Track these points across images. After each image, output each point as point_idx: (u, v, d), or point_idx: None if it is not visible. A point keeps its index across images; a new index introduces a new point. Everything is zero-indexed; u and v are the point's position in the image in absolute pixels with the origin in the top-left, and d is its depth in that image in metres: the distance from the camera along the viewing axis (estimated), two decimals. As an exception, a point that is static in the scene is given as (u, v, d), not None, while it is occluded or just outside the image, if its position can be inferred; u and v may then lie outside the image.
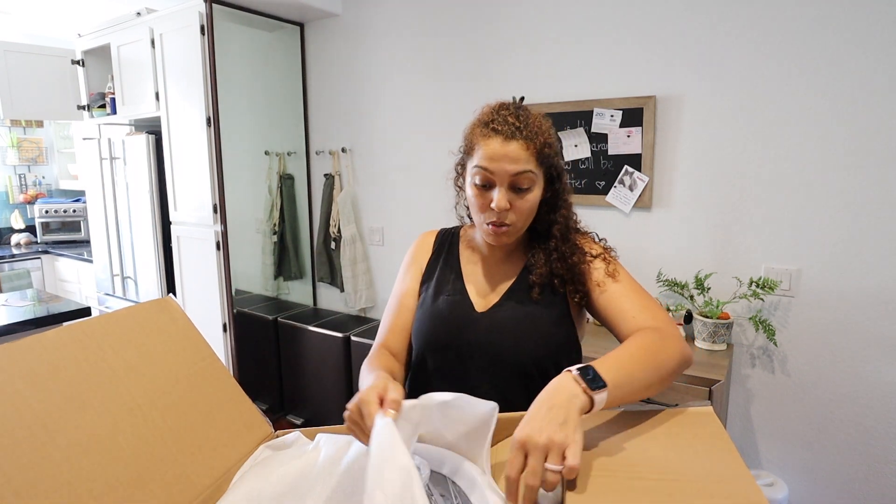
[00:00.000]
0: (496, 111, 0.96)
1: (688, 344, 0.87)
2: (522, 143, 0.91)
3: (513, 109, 0.96)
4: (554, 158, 0.97)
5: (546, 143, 0.94)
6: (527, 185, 0.93)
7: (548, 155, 0.94)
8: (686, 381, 1.75)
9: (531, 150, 0.92)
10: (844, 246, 1.83)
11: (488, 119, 0.96)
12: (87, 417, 0.69)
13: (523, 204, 0.94)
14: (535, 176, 0.93)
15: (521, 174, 0.92)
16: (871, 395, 1.84)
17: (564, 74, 2.29)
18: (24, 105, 3.46)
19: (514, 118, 0.94)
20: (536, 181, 0.94)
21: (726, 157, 1.99)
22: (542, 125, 0.95)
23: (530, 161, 0.92)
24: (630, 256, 2.23)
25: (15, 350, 0.69)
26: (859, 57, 1.74)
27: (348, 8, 2.89)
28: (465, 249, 1.11)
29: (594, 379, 0.69)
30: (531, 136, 0.92)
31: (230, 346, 2.74)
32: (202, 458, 0.78)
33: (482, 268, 1.07)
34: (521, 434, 0.63)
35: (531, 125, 0.93)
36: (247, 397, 0.93)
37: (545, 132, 0.95)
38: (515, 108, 0.97)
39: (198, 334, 0.93)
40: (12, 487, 0.58)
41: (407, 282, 1.12)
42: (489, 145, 0.92)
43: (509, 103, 1.00)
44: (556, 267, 0.98)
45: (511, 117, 0.94)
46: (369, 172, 2.97)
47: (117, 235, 3.19)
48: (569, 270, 0.97)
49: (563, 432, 0.62)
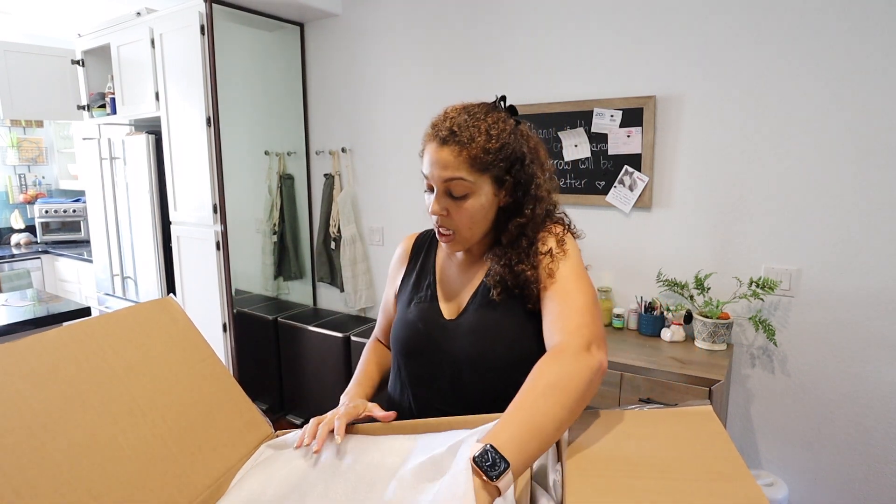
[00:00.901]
0: (445, 114, 0.93)
1: (600, 349, 0.82)
2: (454, 149, 0.88)
3: (462, 114, 0.91)
4: (505, 164, 0.91)
5: (485, 149, 0.88)
6: (460, 192, 0.90)
7: (489, 161, 0.89)
8: (686, 381, 1.75)
9: (463, 157, 0.88)
10: (844, 246, 1.83)
11: (435, 122, 0.93)
12: (87, 417, 0.69)
13: (460, 212, 0.91)
14: (469, 184, 0.89)
15: (451, 181, 0.89)
16: (871, 395, 1.84)
17: (564, 74, 2.29)
18: (24, 105, 3.46)
19: (454, 123, 0.90)
20: (474, 189, 0.90)
21: (726, 156, 2.00)
22: (487, 131, 0.89)
23: (461, 168, 0.88)
24: (630, 256, 2.24)
25: (15, 350, 0.69)
26: (860, 57, 1.74)
27: (348, 8, 2.89)
28: (442, 251, 1.09)
29: (493, 465, 0.61)
30: (464, 143, 0.88)
31: (230, 346, 2.74)
32: (202, 457, 0.78)
33: (455, 271, 1.05)
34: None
35: (469, 131, 0.88)
36: (247, 397, 0.93)
37: (487, 137, 0.89)
38: (468, 111, 0.92)
39: (198, 334, 0.93)
40: (12, 486, 0.58)
41: (388, 289, 1.15)
42: (428, 150, 0.92)
43: (467, 105, 0.95)
44: (504, 274, 0.93)
45: (451, 122, 0.90)
46: (369, 172, 2.97)
47: (117, 235, 3.19)
48: (515, 278, 0.92)
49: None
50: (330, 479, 0.74)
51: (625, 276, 2.26)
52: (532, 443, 0.66)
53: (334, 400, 1.02)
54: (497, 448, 0.62)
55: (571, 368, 0.76)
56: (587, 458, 0.67)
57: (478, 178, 0.90)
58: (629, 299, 2.25)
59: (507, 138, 0.91)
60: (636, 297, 2.21)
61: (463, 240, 0.95)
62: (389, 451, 0.78)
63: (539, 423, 0.68)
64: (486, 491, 0.60)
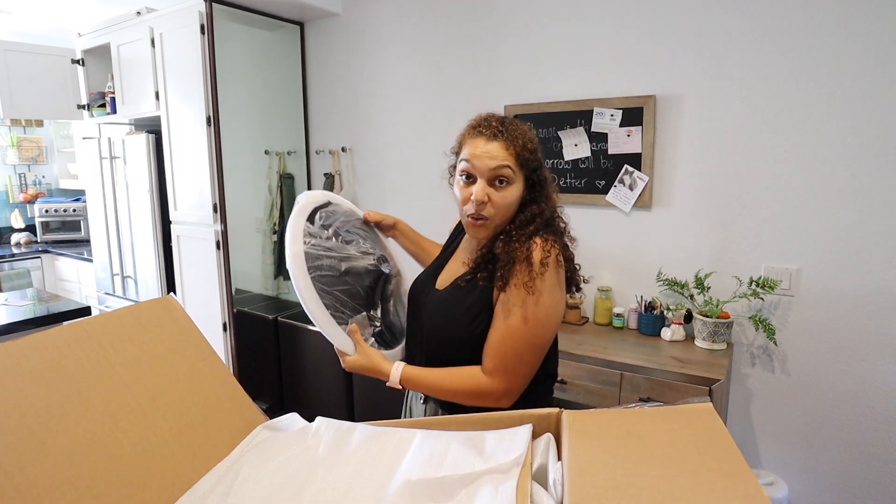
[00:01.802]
0: (484, 118, 1.07)
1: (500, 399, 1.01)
2: (503, 143, 1.01)
3: (499, 118, 1.06)
4: (535, 165, 1.04)
5: (526, 148, 1.02)
6: (505, 180, 1.02)
7: (528, 159, 1.03)
8: (686, 381, 1.75)
9: (511, 151, 1.01)
10: (844, 246, 1.84)
11: (476, 124, 1.07)
12: (87, 416, 0.69)
13: (501, 199, 1.02)
14: (513, 173, 1.02)
15: (500, 168, 1.01)
16: (871, 395, 1.84)
17: (564, 73, 2.29)
18: (24, 104, 3.46)
19: (499, 123, 1.04)
20: (515, 179, 1.03)
21: (726, 156, 2.00)
22: (526, 134, 1.04)
23: (509, 159, 1.01)
24: (630, 256, 2.24)
25: (16, 349, 0.69)
26: (860, 57, 1.74)
27: (348, 7, 2.89)
28: (466, 238, 1.21)
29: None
30: (511, 139, 1.02)
31: (230, 345, 2.74)
32: (202, 456, 0.78)
33: (465, 254, 1.16)
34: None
35: (513, 131, 1.03)
36: (247, 396, 0.93)
37: (527, 139, 1.03)
38: (502, 117, 1.07)
39: (198, 333, 0.93)
40: (14, 484, 0.59)
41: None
42: (474, 144, 1.03)
43: (497, 114, 1.09)
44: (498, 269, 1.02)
45: (496, 122, 1.04)
46: (369, 172, 2.97)
47: (117, 235, 3.19)
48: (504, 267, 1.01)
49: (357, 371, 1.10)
50: (333, 465, 0.74)
51: (625, 275, 2.26)
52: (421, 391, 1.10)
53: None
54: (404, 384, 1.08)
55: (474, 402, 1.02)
56: (587, 456, 0.67)
57: (518, 171, 1.03)
58: (629, 299, 2.25)
59: (537, 144, 1.06)
60: (636, 297, 2.21)
61: (492, 225, 1.05)
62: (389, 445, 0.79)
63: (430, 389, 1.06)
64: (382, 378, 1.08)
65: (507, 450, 0.73)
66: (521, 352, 1.00)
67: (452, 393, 1.04)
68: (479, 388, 1.01)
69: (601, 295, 2.27)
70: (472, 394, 1.02)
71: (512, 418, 0.80)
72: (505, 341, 1.00)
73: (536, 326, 0.99)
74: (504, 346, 1.00)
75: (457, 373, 1.04)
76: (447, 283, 1.13)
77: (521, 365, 1.01)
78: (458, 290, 1.08)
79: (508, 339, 1.00)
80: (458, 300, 1.07)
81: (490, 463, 0.71)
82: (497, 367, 1.00)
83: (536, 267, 0.98)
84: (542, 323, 1.00)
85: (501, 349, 1.00)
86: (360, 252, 1.21)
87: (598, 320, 2.28)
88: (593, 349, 1.97)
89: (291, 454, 0.78)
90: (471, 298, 1.05)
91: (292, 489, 0.71)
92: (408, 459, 0.73)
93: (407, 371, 1.07)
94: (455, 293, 1.08)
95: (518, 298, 0.99)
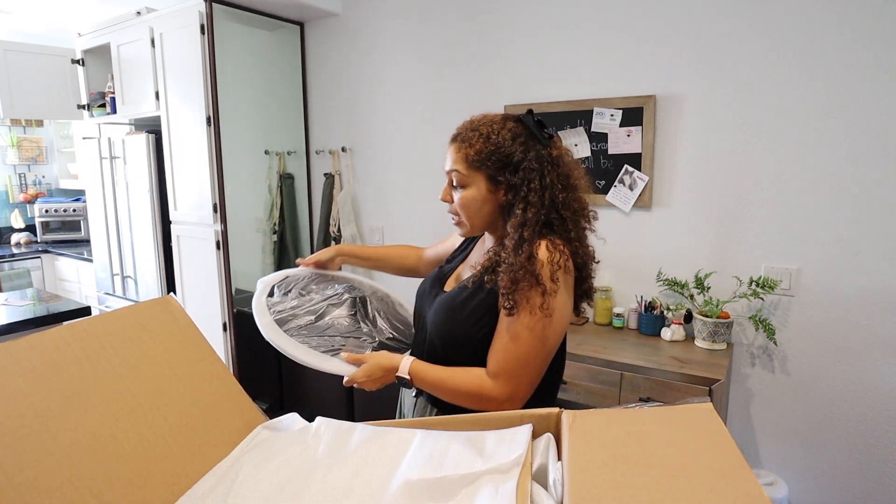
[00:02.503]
0: (470, 119, 1.08)
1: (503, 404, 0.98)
2: (456, 146, 1.04)
3: (477, 121, 1.05)
4: (498, 165, 1.00)
5: (482, 150, 1.01)
6: (458, 183, 1.04)
7: (480, 161, 1.01)
8: (686, 381, 1.75)
9: (460, 154, 1.03)
10: (844, 246, 1.84)
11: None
12: (87, 416, 0.69)
13: (458, 201, 1.05)
14: (464, 177, 1.03)
15: (451, 172, 1.05)
16: (871, 395, 1.84)
17: (565, 74, 2.29)
18: (24, 104, 3.46)
19: (464, 128, 1.05)
20: (469, 181, 1.03)
21: (726, 156, 2.00)
22: (491, 136, 1.01)
23: (459, 162, 1.03)
24: (630, 256, 2.24)
25: (16, 349, 0.69)
26: (860, 57, 1.74)
27: (348, 7, 2.89)
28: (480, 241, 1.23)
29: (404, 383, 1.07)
30: (464, 142, 1.03)
31: (230, 345, 2.74)
32: (202, 456, 0.78)
33: (474, 257, 1.18)
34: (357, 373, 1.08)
35: (471, 134, 1.03)
36: (247, 396, 0.93)
37: (489, 141, 1.00)
38: (485, 119, 1.05)
39: (198, 333, 0.93)
40: (14, 485, 0.59)
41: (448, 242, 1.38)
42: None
43: (494, 115, 1.07)
44: (500, 275, 0.98)
45: (463, 126, 1.06)
46: (369, 172, 2.97)
47: (117, 235, 3.19)
48: (512, 284, 0.95)
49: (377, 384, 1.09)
50: (333, 466, 0.74)
51: (625, 275, 2.26)
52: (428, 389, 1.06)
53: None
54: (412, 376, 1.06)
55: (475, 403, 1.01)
56: (587, 456, 0.67)
57: (472, 174, 1.03)
58: (629, 298, 2.25)
59: (504, 143, 1.00)
60: (636, 297, 2.21)
61: (466, 226, 1.08)
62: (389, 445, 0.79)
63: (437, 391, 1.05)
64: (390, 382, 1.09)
65: (507, 450, 0.73)
66: (526, 357, 0.97)
67: (455, 392, 1.02)
68: (483, 390, 0.99)
69: (601, 295, 2.27)
70: (475, 395, 1.00)
71: (512, 418, 0.80)
72: (509, 346, 0.97)
73: (543, 331, 0.96)
74: (508, 351, 0.97)
75: (462, 373, 1.02)
76: (454, 285, 1.14)
77: (526, 370, 0.97)
78: (463, 291, 1.07)
79: (513, 343, 0.97)
80: (463, 301, 1.05)
81: (490, 463, 0.71)
82: (501, 371, 0.98)
83: (549, 285, 0.94)
84: (549, 328, 0.97)
85: (506, 354, 0.98)
86: (325, 296, 1.28)
87: (598, 320, 2.28)
88: (593, 349, 1.97)
89: (291, 454, 0.78)
90: (476, 300, 1.03)
91: (292, 489, 0.71)
92: (408, 459, 0.73)
93: (416, 364, 1.06)
94: (460, 294, 1.07)
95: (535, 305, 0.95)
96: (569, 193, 1.02)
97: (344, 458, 0.76)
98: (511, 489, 0.66)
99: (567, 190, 1.02)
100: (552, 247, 0.96)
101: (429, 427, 0.82)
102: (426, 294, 1.18)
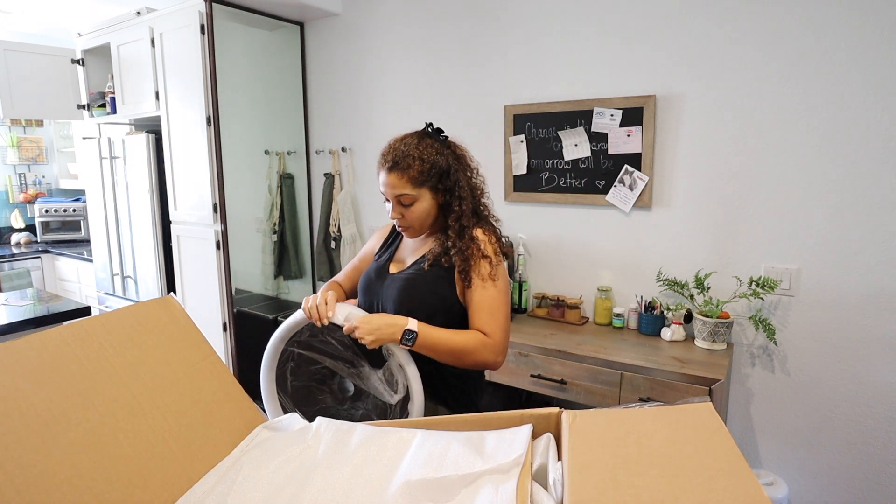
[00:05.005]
0: (390, 145, 1.26)
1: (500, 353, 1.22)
2: (396, 174, 1.22)
3: (401, 144, 1.24)
4: (436, 177, 1.23)
5: (421, 171, 1.21)
6: (407, 202, 1.24)
7: (423, 179, 1.22)
8: (686, 381, 1.75)
9: (405, 179, 1.22)
10: (844, 246, 1.84)
11: (384, 151, 1.26)
12: (88, 415, 0.69)
13: (410, 214, 1.25)
14: (413, 196, 1.23)
15: (401, 196, 1.23)
16: (871, 395, 1.84)
17: (565, 74, 2.29)
18: (24, 104, 3.46)
19: (396, 154, 1.22)
20: (417, 198, 1.23)
21: (726, 156, 2.00)
22: (422, 156, 1.22)
23: (405, 186, 1.22)
24: (630, 256, 2.24)
25: (16, 348, 0.69)
26: (861, 57, 1.74)
27: (348, 7, 2.89)
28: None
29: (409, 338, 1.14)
30: (403, 168, 1.21)
31: (230, 345, 2.74)
32: (203, 456, 0.78)
33: (409, 247, 1.38)
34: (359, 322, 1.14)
35: (405, 158, 1.21)
36: (247, 396, 0.93)
37: (423, 161, 1.22)
38: (405, 142, 1.25)
39: (198, 333, 0.93)
40: (14, 484, 0.59)
41: (369, 244, 1.51)
42: (380, 174, 1.26)
43: (405, 136, 1.27)
44: (453, 257, 1.23)
45: (393, 153, 1.23)
46: (369, 172, 2.97)
47: (117, 235, 3.19)
48: (464, 262, 1.22)
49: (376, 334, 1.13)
50: (333, 466, 0.74)
51: (625, 275, 2.27)
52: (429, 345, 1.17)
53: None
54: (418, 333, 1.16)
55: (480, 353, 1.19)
56: (587, 456, 0.67)
57: (418, 190, 1.23)
58: (629, 299, 2.25)
59: (434, 158, 1.23)
60: (636, 297, 2.21)
61: (416, 231, 1.30)
62: (389, 445, 0.79)
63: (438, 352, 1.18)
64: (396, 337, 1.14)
65: (507, 450, 0.73)
66: (499, 307, 1.23)
67: (461, 347, 1.18)
68: (484, 340, 1.19)
69: (601, 295, 2.27)
70: (479, 344, 1.19)
71: (512, 418, 0.80)
72: (485, 306, 1.21)
73: (504, 288, 1.25)
74: (484, 310, 1.21)
75: (461, 332, 1.21)
76: (404, 267, 1.31)
77: (505, 320, 1.24)
78: (419, 269, 1.27)
79: (487, 303, 1.21)
80: (423, 276, 1.25)
81: (490, 463, 0.71)
82: (489, 323, 1.21)
83: (494, 258, 1.24)
84: (506, 285, 1.27)
85: (488, 313, 1.21)
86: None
87: (598, 320, 2.28)
88: (593, 349, 1.97)
89: (291, 454, 0.78)
90: (434, 274, 1.25)
91: (292, 489, 0.71)
92: (408, 459, 0.73)
93: (420, 323, 1.19)
94: (419, 271, 1.27)
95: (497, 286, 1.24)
96: (476, 176, 1.31)
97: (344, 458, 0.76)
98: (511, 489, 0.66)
99: (475, 175, 1.31)
100: (485, 232, 1.26)
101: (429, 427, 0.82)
102: (374, 281, 1.34)
